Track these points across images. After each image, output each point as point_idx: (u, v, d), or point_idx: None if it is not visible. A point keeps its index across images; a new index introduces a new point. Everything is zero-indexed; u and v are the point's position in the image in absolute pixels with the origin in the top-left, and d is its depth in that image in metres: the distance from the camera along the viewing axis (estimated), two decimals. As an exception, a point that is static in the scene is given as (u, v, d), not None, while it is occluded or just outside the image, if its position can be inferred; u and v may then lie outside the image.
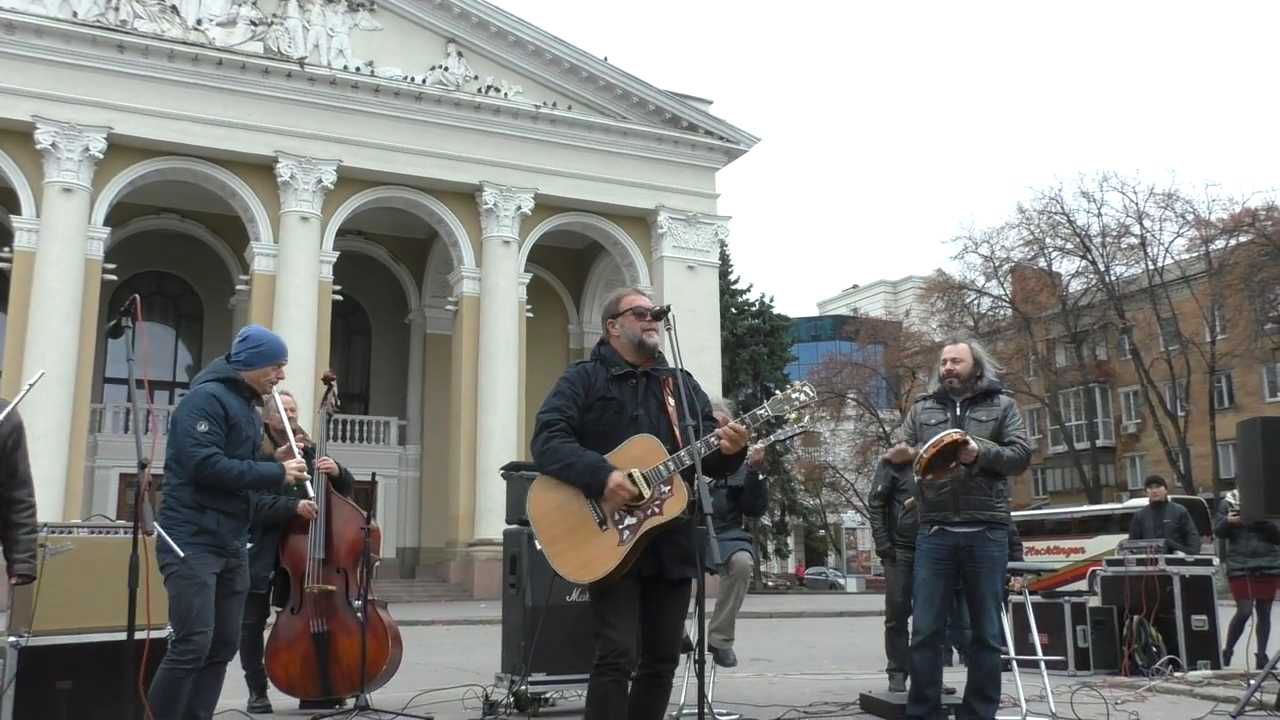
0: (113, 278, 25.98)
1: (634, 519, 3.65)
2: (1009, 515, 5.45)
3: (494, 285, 28.26)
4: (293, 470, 4.63)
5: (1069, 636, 8.82)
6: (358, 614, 6.23)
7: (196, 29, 26.07)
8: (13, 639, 4.71)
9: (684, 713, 5.84)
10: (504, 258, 28.46)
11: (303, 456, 4.98)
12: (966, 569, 5.23)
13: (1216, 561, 10.11)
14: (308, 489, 5.44)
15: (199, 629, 4.19)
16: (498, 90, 28.83)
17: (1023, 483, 45.54)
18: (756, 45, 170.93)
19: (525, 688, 5.96)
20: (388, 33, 28.18)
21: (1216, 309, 36.81)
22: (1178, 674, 8.07)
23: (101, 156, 24.73)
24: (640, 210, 30.26)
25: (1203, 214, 36.41)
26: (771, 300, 43.02)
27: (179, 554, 4.14)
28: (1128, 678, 8.06)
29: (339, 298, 27.82)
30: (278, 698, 6.35)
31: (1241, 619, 9.69)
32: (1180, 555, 9.41)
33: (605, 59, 30.11)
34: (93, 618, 4.77)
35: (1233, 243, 35.45)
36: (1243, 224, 34.99)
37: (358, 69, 27.39)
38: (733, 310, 40.29)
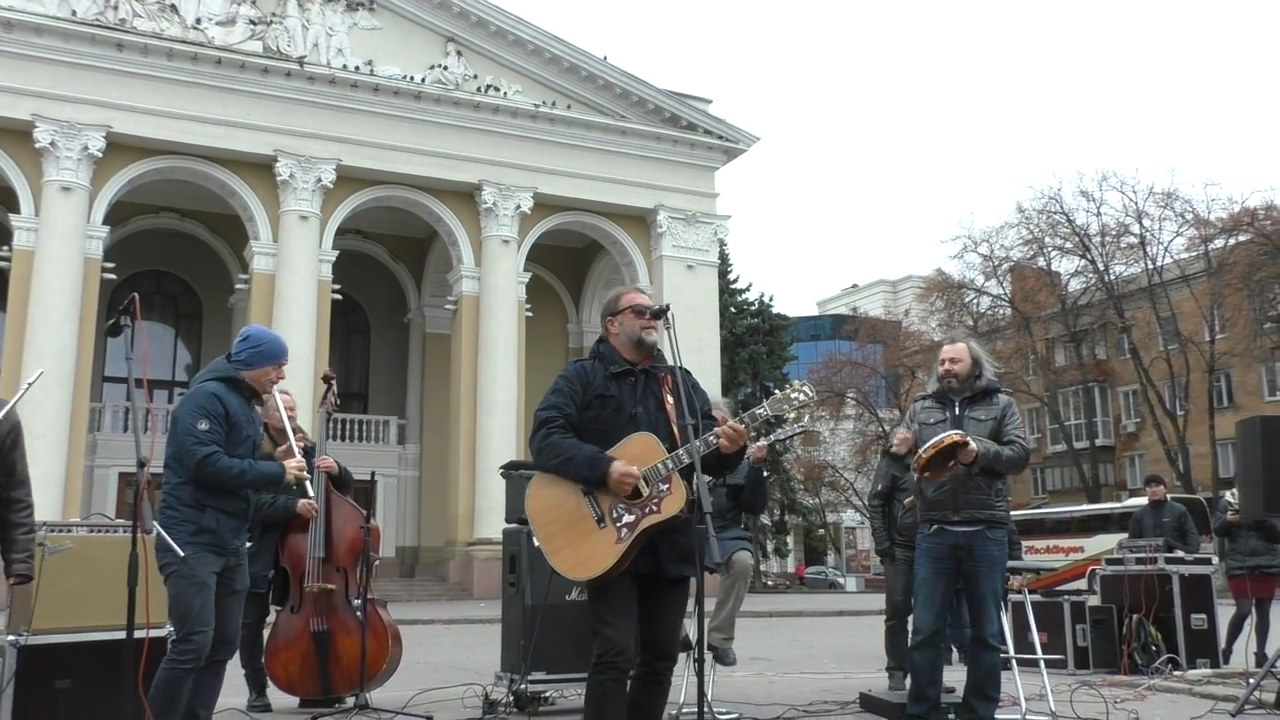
0: (112, 277, 25.99)
1: (632, 517, 3.64)
2: (1008, 514, 5.45)
3: (493, 284, 28.26)
4: (293, 469, 4.63)
5: (1068, 635, 8.82)
6: (357, 613, 6.23)
7: (196, 28, 26.06)
8: (12, 637, 4.71)
9: (684, 711, 5.84)
10: (503, 257, 28.47)
11: (302, 456, 4.99)
12: (966, 568, 5.23)
13: (1215, 560, 10.12)
14: (307, 488, 5.44)
15: (199, 628, 4.18)
16: (497, 89, 28.83)
17: (1022, 482, 45.55)
18: (756, 45, 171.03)
19: (525, 686, 5.96)
20: (387, 32, 28.18)
21: (1215, 308, 36.82)
22: (1177, 673, 8.07)
23: (100, 155, 24.73)
24: (639, 209, 30.27)
25: (1202, 213, 36.49)
26: (771, 299, 43.06)
27: (179, 553, 4.14)
28: (1127, 676, 8.07)
29: (338, 297, 27.84)
30: (277, 696, 6.34)
31: (1241, 618, 9.71)
32: (1179, 554, 9.42)
33: (605, 58, 30.14)
34: (92, 616, 4.77)
35: (1232, 242, 35.46)
36: (1242, 223, 35.00)
37: (357, 68, 27.39)
38: (732, 309, 40.29)
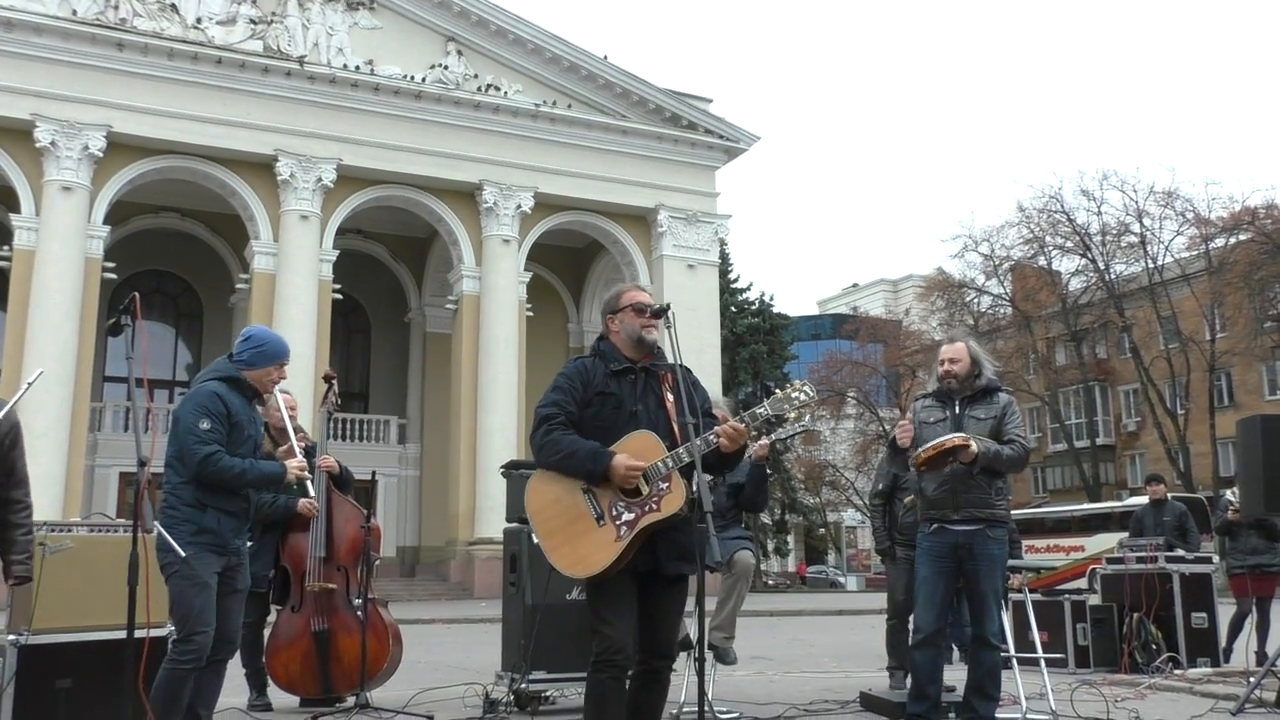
0: (112, 276, 25.99)
1: (631, 515, 3.64)
2: (1009, 513, 5.45)
3: (494, 284, 28.26)
4: (294, 469, 4.63)
5: (1069, 634, 8.82)
6: (358, 612, 6.23)
7: (196, 27, 26.06)
8: (12, 637, 4.71)
9: (685, 710, 5.84)
10: (504, 256, 28.46)
11: (303, 455, 4.99)
12: (966, 567, 5.23)
13: (1216, 559, 10.12)
14: (308, 487, 5.44)
15: (200, 628, 4.18)
16: (497, 89, 28.83)
17: (1023, 481, 45.55)
18: (756, 44, 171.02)
19: (525, 686, 5.95)
20: (387, 31, 28.17)
21: (1216, 307, 36.82)
22: (1177, 671, 8.06)
23: (101, 155, 24.72)
24: (640, 209, 30.27)
25: (1202, 212, 36.50)
26: (771, 299, 43.05)
27: (180, 553, 4.14)
28: (1127, 675, 8.06)
29: (339, 296, 27.84)
30: (278, 696, 6.34)
31: (1241, 616, 9.72)
32: (1180, 553, 9.41)
33: (605, 57, 30.13)
34: (92, 616, 4.76)
35: (1232, 241, 35.47)
36: (1242, 222, 35.00)
37: (357, 67, 27.38)
38: (732, 309, 40.28)
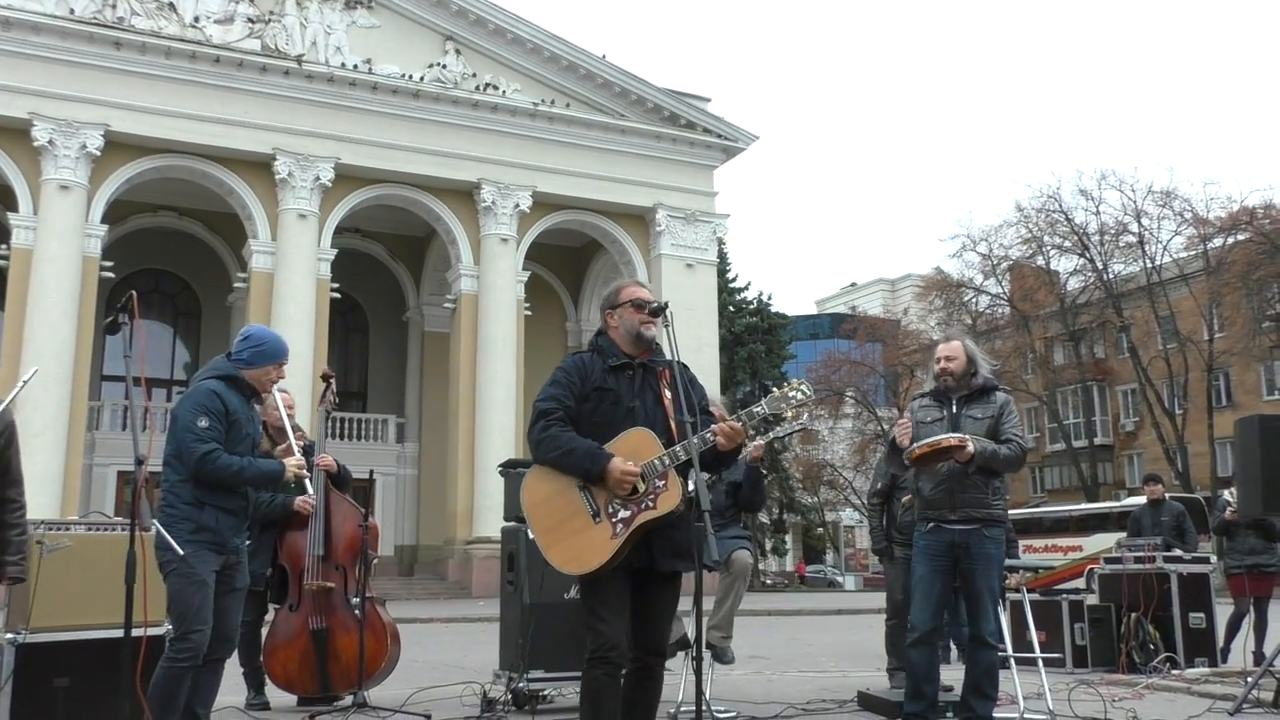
0: (110, 275, 25.96)
1: (628, 512, 3.64)
2: (1006, 513, 5.44)
3: (492, 283, 28.25)
4: (292, 467, 4.63)
5: (1067, 634, 8.82)
6: (356, 611, 6.22)
7: (194, 26, 26.03)
8: (10, 636, 4.71)
9: (682, 710, 5.84)
10: (502, 255, 28.45)
11: (301, 454, 4.98)
12: (963, 566, 5.22)
13: (1214, 559, 10.12)
14: (306, 486, 5.44)
15: (197, 626, 4.18)
16: (495, 88, 28.81)
17: (1021, 481, 45.56)
18: (755, 43, 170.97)
19: (523, 685, 5.95)
20: (385, 30, 28.15)
21: (1214, 307, 36.83)
22: (1175, 671, 8.06)
23: (99, 154, 24.69)
24: (638, 208, 30.26)
25: (1201, 212, 36.51)
26: (770, 298, 43.10)
27: (178, 551, 4.13)
28: (1125, 675, 8.06)
29: (337, 295, 27.82)
30: (276, 695, 6.34)
31: (1239, 616, 9.73)
32: (1178, 553, 9.42)
33: (603, 56, 30.13)
34: (90, 615, 4.76)
35: (1230, 241, 35.48)
36: (1241, 222, 35.01)
37: (355, 66, 27.36)
38: (731, 308, 40.29)
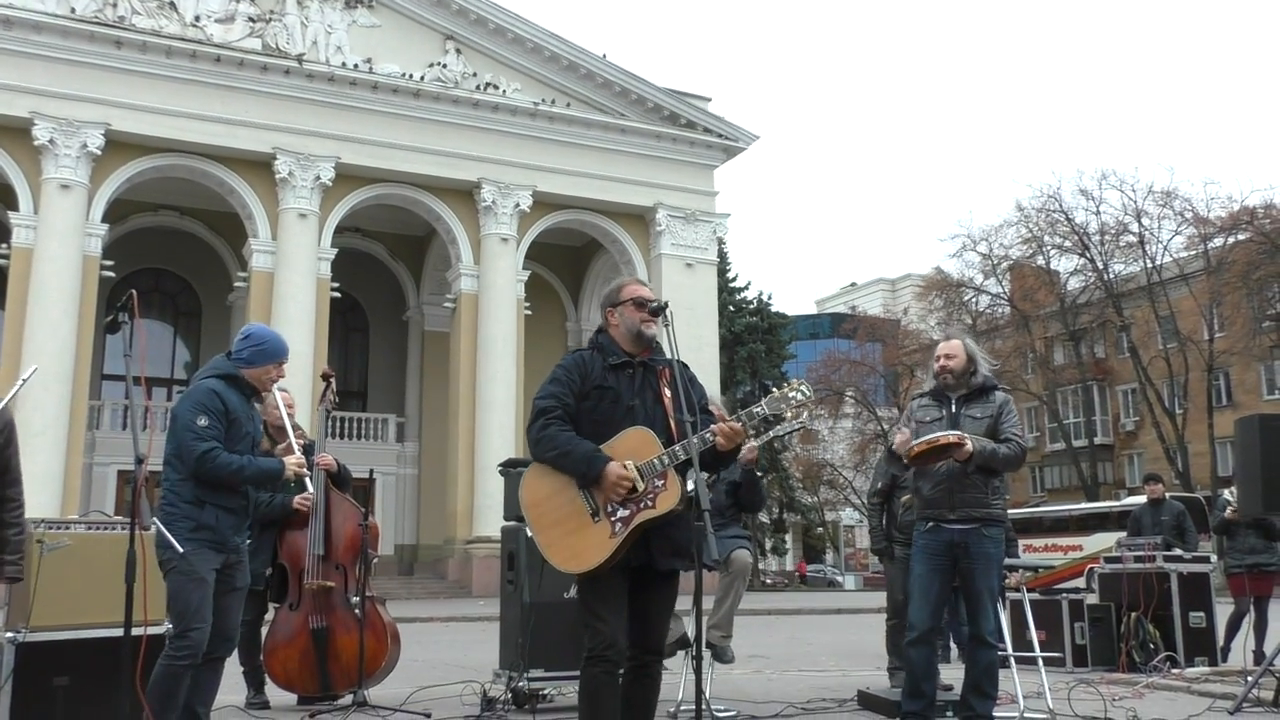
0: (111, 274, 25.97)
1: (627, 511, 3.64)
2: (1005, 512, 5.44)
3: (492, 282, 28.26)
4: (292, 465, 4.63)
5: (1067, 633, 8.83)
6: (356, 610, 6.22)
7: (194, 25, 26.04)
8: (10, 635, 4.71)
9: (682, 709, 5.84)
10: (502, 255, 28.46)
11: (301, 453, 4.98)
12: (962, 565, 5.22)
13: (1214, 559, 10.13)
14: (306, 484, 5.43)
15: (196, 624, 4.18)
16: (496, 87, 28.81)
17: (1021, 480, 45.57)
18: (756, 43, 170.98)
19: (523, 684, 5.96)
20: (386, 29, 28.16)
21: (1214, 307, 36.83)
22: (1175, 671, 8.06)
23: (99, 153, 24.69)
24: (639, 207, 30.26)
25: (1201, 212, 36.51)
26: (770, 298, 43.18)
27: (178, 549, 4.14)
28: (1125, 674, 8.07)
29: (337, 295, 27.83)
30: (276, 694, 6.34)
31: (1239, 616, 9.73)
32: (1178, 552, 9.42)
33: (604, 56, 30.14)
34: (90, 614, 4.77)
35: (1231, 241, 35.48)
36: (1241, 222, 35.01)
37: (356, 66, 27.36)
38: (731, 308, 40.31)
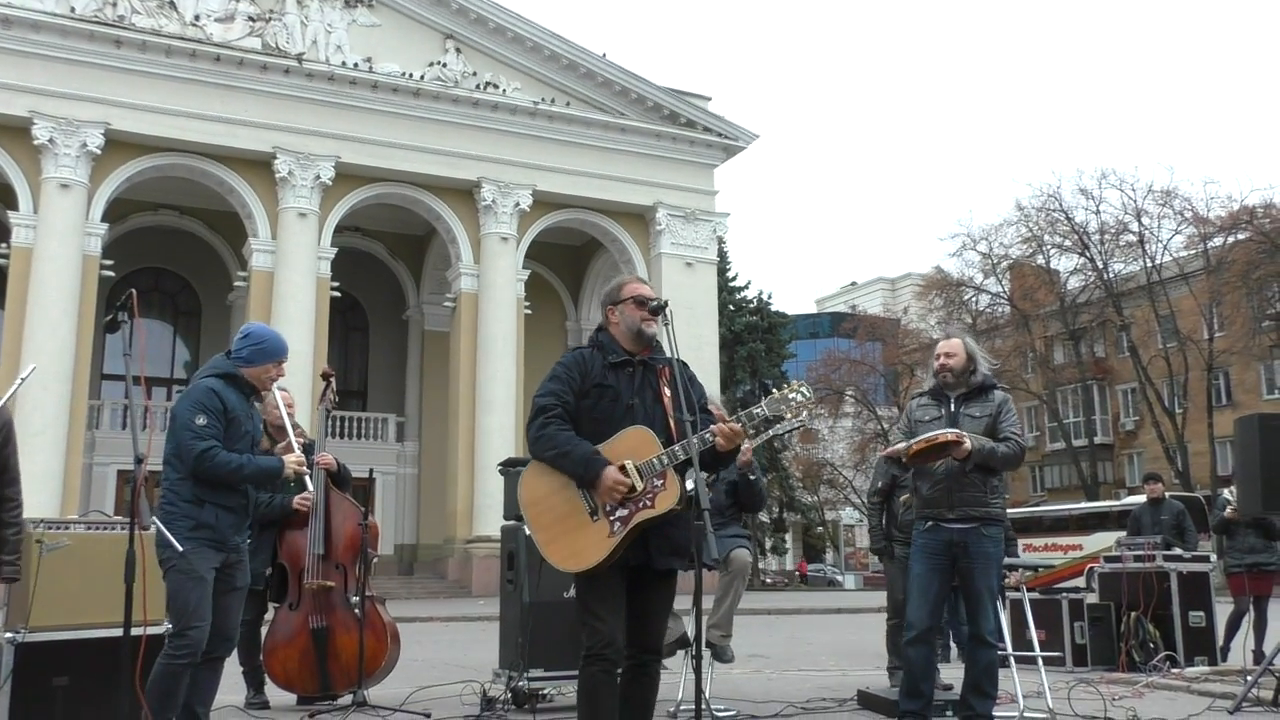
0: (110, 274, 25.96)
1: (625, 511, 3.65)
2: (1004, 511, 5.43)
3: (492, 282, 28.26)
4: (292, 464, 4.62)
5: (1066, 633, 8.83)
6: (356, 610, 6.22)
7: (194, 24, 26.03)
8: (9, 635, 4.71)
9: (682, 709, 5.84)
10: (502, 254, 28.45)
11: (301, 452, 4.98)
12: (961, 565, 5.22)
13: (1214, 558, 10.13)
14: (306, 484, 5.43)
15: (195, 623, 4.18)
16: (496, 86, 28.81)
17: (1021, 479, 45.59)
18: (756, 42, 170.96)
19: (523, 683, 5.96)
20: (386, 29, 28.15)
21: (1214, 306, 36.84)
22: (1175, 670, 8.06)
23: (99, 152, 24.68)
24: (638, 207, 30.26)
25: (1201, 211, 36.50)
26: (770, 297, 43.17)
27: (177, 547, 4.14)
28: (1125, 674, 8.07)
29: (337, 294, 27.82)
30: (275, 694, 6.34)
31: (1239, 615, 9.73)
32: (1178, 552, 9.42)
33: (604, 55, 30.12)
34: (90, 614, 4.76)
35: (1231, 240, 35.48)
36: (1241, 221, 35.01)
37: (355, 65, 27.36)
38: (731, 307, 40.30)
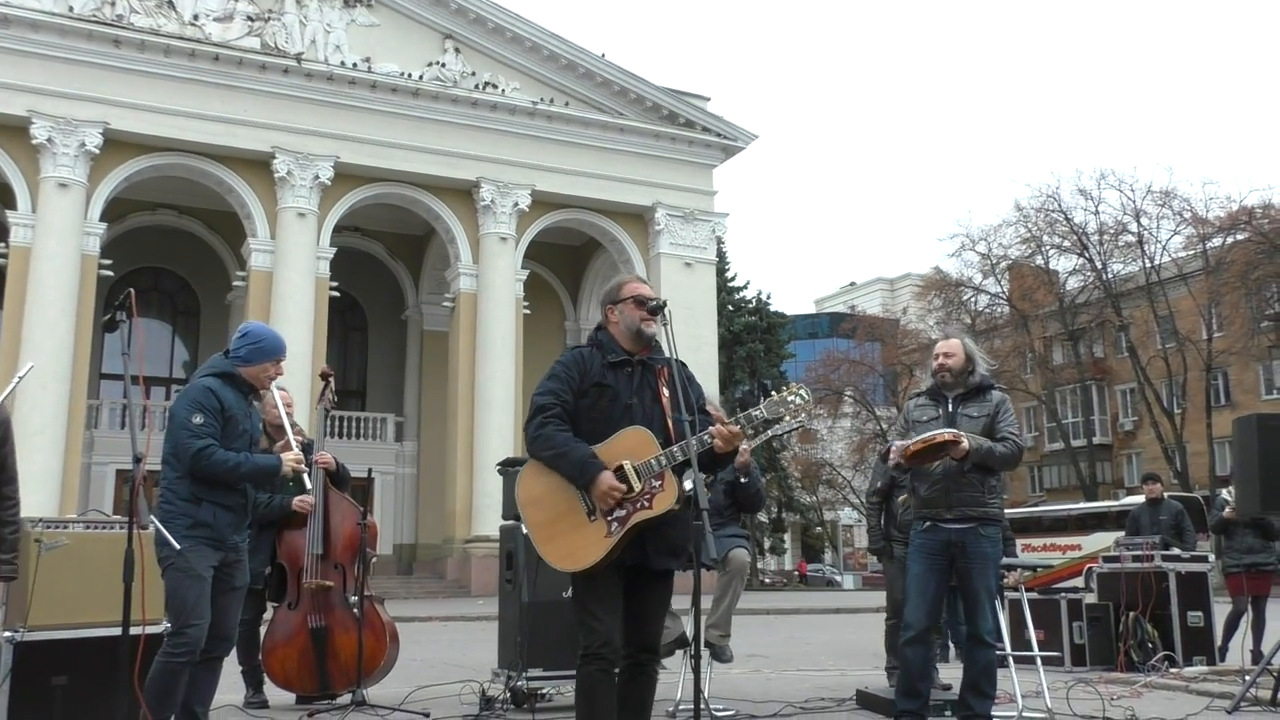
0: (109, 273, 25.96)
1: (623, 511, 3.65)
2: (1002, 511, 5.44)
3: (491, 282, 28.25)
4: (290, 462, 4.62)
5: (1065, 633, 8.84)
6: (355, 610, 6.23)
7: (193, 24, 26.02)
8: (8, 634, 4.70)
9: (680, 708, 5.85)
10: (501, 254, 28.45)
11: (300, 452, 4.98)
12: (959, 565, 5.22)
13: (1212, 558, 10.15)
14: (305, 482, 5.42)
15: (194, 621, 4.19)
16: (495, 86, 28.81)
17: (1019, 480, 45.61)
18: (755, 42, 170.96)
19: (522, 683, 5.96)
20: (385, 28, 28.14)
21: (1213, 307, 36.86)
22: (1173, 670, 8.07)
23: (98, 152, 24.67)
24: (637, 207, 30.26)
25: (1200, 212, 36.53)
26: (769, 297, 43.18)
27: (175, 546, 4.14)
28: (1123, 674, 8.08)
29: (336, 294, 27.81)
30: (274, 693, 6.34)
31: (1237, 615, 9.74)
32: (1176, 552, 9.43)
33: (603, 55, 30.12)
34: (88, 613, 4.76)
35: (1229, 241, 35.51)
36: (1239, 222, 35.04)
37: (355, 65, 27.35)
38: (730, 307, 40.30)
